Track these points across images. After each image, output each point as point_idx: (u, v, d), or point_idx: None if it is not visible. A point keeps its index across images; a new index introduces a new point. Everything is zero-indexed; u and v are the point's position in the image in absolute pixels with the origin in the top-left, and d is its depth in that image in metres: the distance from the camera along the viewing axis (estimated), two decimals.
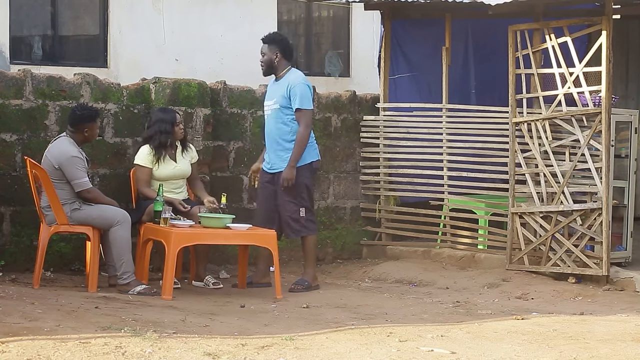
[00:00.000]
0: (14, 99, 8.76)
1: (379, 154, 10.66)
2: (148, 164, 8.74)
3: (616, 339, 6.62)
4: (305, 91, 8.70)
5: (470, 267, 9.87)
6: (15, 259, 8.71)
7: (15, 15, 13.57)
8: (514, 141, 9.65)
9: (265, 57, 8.81)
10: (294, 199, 8.72)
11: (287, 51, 8.85)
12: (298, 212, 8.74)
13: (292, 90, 8.68)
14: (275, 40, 8.87)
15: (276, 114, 8.76)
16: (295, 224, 8.76)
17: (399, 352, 6.02)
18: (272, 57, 8.79)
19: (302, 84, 8.71)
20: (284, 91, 8.70)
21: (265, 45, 8.84)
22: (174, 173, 8.79)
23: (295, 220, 8.75)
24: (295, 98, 8.66)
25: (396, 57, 10.82)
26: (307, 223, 8.80)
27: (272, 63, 8.80)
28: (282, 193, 8.72)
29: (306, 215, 8.78)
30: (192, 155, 8.97)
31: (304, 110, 8.67)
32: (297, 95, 8.65)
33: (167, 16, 14.52)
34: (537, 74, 9.58)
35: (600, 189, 9.18)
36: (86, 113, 8.31)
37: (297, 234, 8.83)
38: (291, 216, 8.74)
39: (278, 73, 8.82)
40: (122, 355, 5.53)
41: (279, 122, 8.74)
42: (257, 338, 6.27)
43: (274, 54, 8.78)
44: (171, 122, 8.77)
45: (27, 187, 8.37)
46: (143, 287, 8.10)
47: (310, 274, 8.90)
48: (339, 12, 16.65)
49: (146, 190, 8.70)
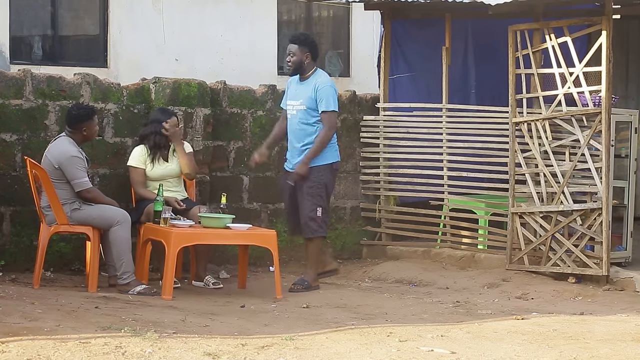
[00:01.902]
0: (14, 99, 8.77)
1: (379, 154, 10.65)
2: (141, 164, 8.75)
3: (616, 339, 6.62)
4: (332, 93, 8.78)
5: (470, 267, 9.87)
6: (15, 259, 8.71)
7: (15, 15, 13.57)
8: (514, 141, 9.65)
9: (295, 58, 8.81)
10: (312, 197, 8.73)
11: (315, 53, 8.92)
12: (315, 212, 8.74)
13: (319, 92, 8.74)
14: (306, 41, 8.90)
15: (302, 114, 8.81)
16: (313, 223, 8.75)
17: (399, 352, 6.02)
18: (302, 57, 8.81)
19: (329, 86, 8.80)
20: (311, 92, 8.76)
21: (294, 46, 8.82)
22: (166, 173, 8.79)
23: (313, 219, 8.74)
24: (322, 100, 8.72)
25: (396, 57, 10.82)
26: (322, 223, 8.81)
27: (301, 64, 8.82)
28: (301, 192, 8.75)
29: (322, 216, 8.78)
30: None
31: (329, 112, 8.74)
32: (324, 97, 8.72)
33: (167, 16, 14.52)
34: (537, 74, 9.58)
35: (600, 189, 9.18)
36: (82, 112, 8.32)
37: (314, 233, 8.78)
38: (309, 215, 8.74)
39: (305, 74, 8.85)
40: (122, 355, 5.54)
41: (304, 122, 8.79)
42: (257, 338, 6.27)
43: (304, 55, 8.82)
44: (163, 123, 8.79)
45: (27, 187, 8.38)
46: (143, 287, 8.10)
47: (312, 274, 8.90)
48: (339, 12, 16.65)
49: (142, 190, 8.71)
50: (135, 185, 8.77)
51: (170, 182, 8.81)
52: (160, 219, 8.21)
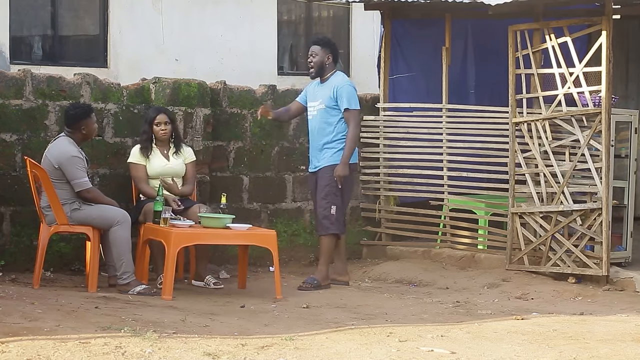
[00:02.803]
0: (14, 99, 8.77)
1: (378, 154, 10.66)
2: (141, 160, 8.77)
3: (616, 339, 6.62)
4: (352, 92, 8.94)
5: (470, 267, 9.87)
6: (15, 259, 8.72)
7: (15, 15, 13.56)
8: (513, 141, 9.65)
9: (317, 59, 8.97)
10: (326, 196, 8.86)
11: (336, 55, 9.12)
12: (329, 209, 8.85)
13: (338, 91, 8.90)
14: (328, 43, 9.09)
15: (321, 114, 8.96)
16: (326, 221, 8.86)
17: (399, 352, 6.02)
18: (324, 59, 8.98)
19: (348, 85, 8.97)
20: (330, 93, 8.92)
21: (317, 47, 9.00)
22: (165, 171, 8.79)
23: (326, 217, 8.86)
24: (343, 99, 8.87)
25: (396, 57, 10.82)
26: (336, 222, 8.88)
27: (323, 65, 8.98)
28: (319, 190, 8.90)
29: (336, 214, 8.84)
30: (186, 156, 8.94)
31: (352, 111, 8.88)
32: (344, 96, 8.87)
33: (167, 16, 14.51)
34: (537, 74, 9.58)
35: (600, 189, 9.18)
36: (80, 111, 8.34)
37: (326, 231, 8.89)
38: (323, 212, 8.87)
39: (325, 75, 9.01)
40: (122, 355, 5.54)
41: (323, 121, 8.94)
42: (257, 338, 6.27)
43: (327, 57, 8.99)
44: (149, 121, 8.82)
45: (27, 187, 8.38)
46: (143, 287, 8.10)
47: (323, 273, 8.94)
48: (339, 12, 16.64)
49: (146, 187, 8.72)
50: (138, 182, 8.77)
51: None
52: (160, 219, 8.21)
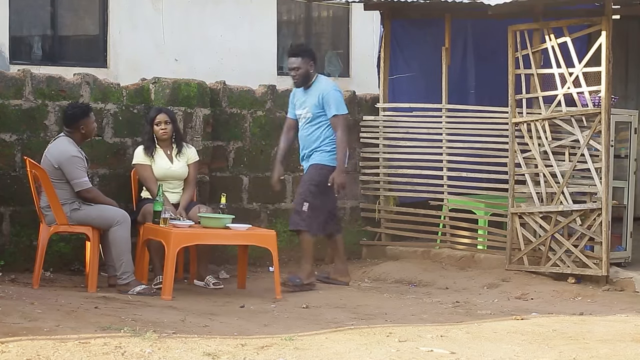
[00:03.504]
0: (13, 99, 8.77)
1: (378, 154, 10.66)
2: (146, 161, 8.77)
3: (616, 339, 6.62)
4: (338, 97, 8.92)
5: (470, 267, 9.86)
6: (15, 259, 8.71)
7: (15, 15, 13.58)
8: (513, 141, 9.65)
9: (302, 70, 8.92)
10: (303, 192, 8.93)
11: (316, 59, 9.08)
12: (301, 205, 8.87)
13: (325, 98, 8.87)
14: (307, 51, 9.07)
15: (309, 121, 8.97)
16: (296, 216, 8.91)
17: (399, 352, 6.02)
18: (307, 69, 8.93)
19: (334, 90, 8.93)
20: (316, 100, 8.90)
21: (297, 59, 8.92)
22: (167, 174, 8.78)
23: (297, 212, 8.90)
24: (330, 106, 8.86)
25: (396, 57, 10.82)
26: (307, 219, 8.84)
27: (308, 74, 8.94)
28: (300, 184, 9.06)
29: (308, 212, 8.84)
30: (189, 157, 8.94)
31: (340, 116, 8.88)
32: (332, 102, 8.86)
33: (167, 16, 14.52)
34: (536, 74, 9.58)
35: (599, 189, 9.18)
36: (78, 110, 8.33)
37: (295, 226, 8.94)
38: (296, 208, 8.95)
39: (309, 82, 8.97)
40: (122, 355, 5.54)
41: (312, 128, 8.95)
42: (257, 338, 6.28)
43: (309, 65, 8.94)
44: (150, 121, 8.81)
45: (26, 187, 8.37)
46: (143, 287, 8.10)
47: (306, 270, 8.93)
48: (339, 12, 16.65)
49: (154, 186, 8.66)
50: (147, 183, 8.73)
51: (172, 184, 8.80)
52: (160, 219, 8.21)
